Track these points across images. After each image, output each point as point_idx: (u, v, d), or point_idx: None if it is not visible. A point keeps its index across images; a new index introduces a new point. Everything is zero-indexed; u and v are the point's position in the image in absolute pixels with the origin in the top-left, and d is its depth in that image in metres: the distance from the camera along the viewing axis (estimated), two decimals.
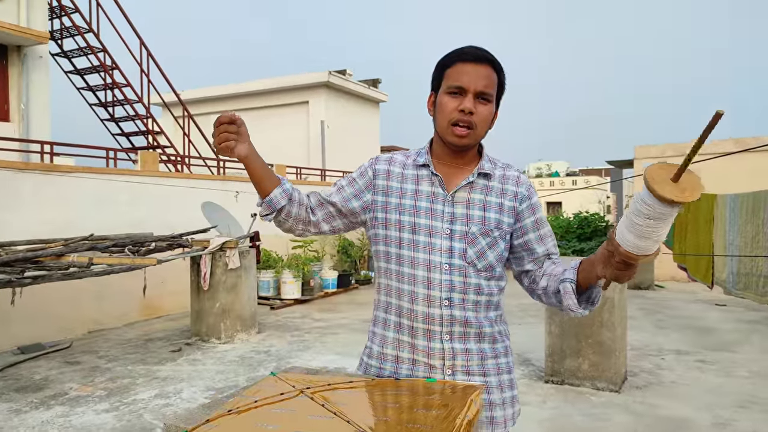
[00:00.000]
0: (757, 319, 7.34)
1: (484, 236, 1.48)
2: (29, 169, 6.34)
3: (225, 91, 14.53)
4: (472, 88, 1.42)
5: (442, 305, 1.46)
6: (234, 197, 9.05)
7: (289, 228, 1.54)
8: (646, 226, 1.12)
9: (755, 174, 10.09)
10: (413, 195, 1.52)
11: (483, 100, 1.44)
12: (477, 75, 1.43)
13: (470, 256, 1.47)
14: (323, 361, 5.49)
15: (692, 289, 10.12)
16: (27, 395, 4.49)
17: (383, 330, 1.56)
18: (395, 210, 1.52)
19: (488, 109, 1.46)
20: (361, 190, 1.56)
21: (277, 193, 1.47)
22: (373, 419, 1.07)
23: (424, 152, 1.56)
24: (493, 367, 1.51)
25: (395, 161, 1.58)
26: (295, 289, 8.92)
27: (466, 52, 1.45)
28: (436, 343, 1.47)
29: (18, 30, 7.50)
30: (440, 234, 1.47)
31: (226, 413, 1.12)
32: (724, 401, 4.24)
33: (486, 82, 1.43)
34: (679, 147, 11.51)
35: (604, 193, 36.33)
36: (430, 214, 1.49)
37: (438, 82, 1.50)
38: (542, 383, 4.65)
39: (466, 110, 1.42)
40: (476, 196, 1.50)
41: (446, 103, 1.45)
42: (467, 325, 1.48)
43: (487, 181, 1.52)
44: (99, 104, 9.85)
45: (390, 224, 1.53)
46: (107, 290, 6.95)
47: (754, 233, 6.13)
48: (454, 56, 1.46)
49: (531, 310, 7.87)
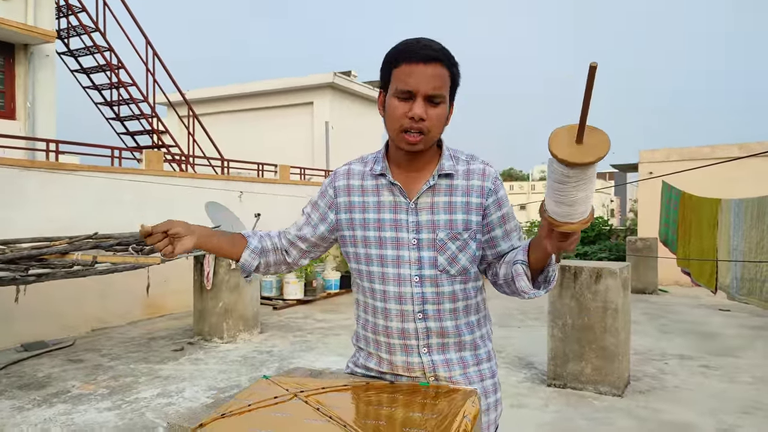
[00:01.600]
0: (761, 324, 7.30)
1: (453, 240, 1.41)
2: (35, 167, 6.36)
3: (230, 91, 14.56)
4: (422, 92, 1.32)
5: (416, 319, 1.43)
6: (238, 197, 9.06)
7: (274, 272, 1.64)
8: (557, 190, 1.07)
9: (760, 179, 10.06)
10: (376, 207, 1.46)
11: (434, 103, 1.34)
12: (426, 77, 1.32)
13: (441, 264, 1.41)
14: (326, 362, 5.49)
15: (696, 293, 10.08)
16: (30, 393, 4.50)
17: (365, 346, 1.54)
18: (360, 226, 1.47)
19: (440, 111, 1.36)
20: (325, 213, 1.54)
21: (246, 256, 1.55)
22: (367, 423, 1.06)
23: (380, 158, 1.48)
24: (476, 374, 1.47)
25: (353, 173, 1.52)
26: (298, 289, 8.93)
27: (412, 51, 1.33)
28: (414, 357, 1.44)
29: (25, 28, 7.54)
30: (407, 245, 1.42)
31: (219, 417, 1.12)
32: (727, 407, 4.21)
33: (436, 84, 1.33)
34: (684, 151, 11.48)
35: (608, 197, 36.27)
36: (395, 225, 1.43)
37: (386, 81, 1.39)
38: (545, 387, 4.64)
39: (416, 117, 1.32)
40: (440, 199, 1.42)
41: (395, 108, 1.35)
42: (444, 335, 1.44)
43: (450, 181, 1.43)
44: (104, 103, 9.88)
45: (357, 241, 1.48)
46: (111, 289, 6.96)
47: (758, 238, 6.11)
48: (402, 55, 1.34)
49: (531, 313, 7.85)
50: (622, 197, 32.33)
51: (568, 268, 4.58)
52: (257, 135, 14.22)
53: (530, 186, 38.76)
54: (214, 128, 13.15)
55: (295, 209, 10.23)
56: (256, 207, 8.79)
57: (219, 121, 14.60)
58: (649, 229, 11.00)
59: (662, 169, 10.98)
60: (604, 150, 1.00)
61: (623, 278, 4.54)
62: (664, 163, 11.37)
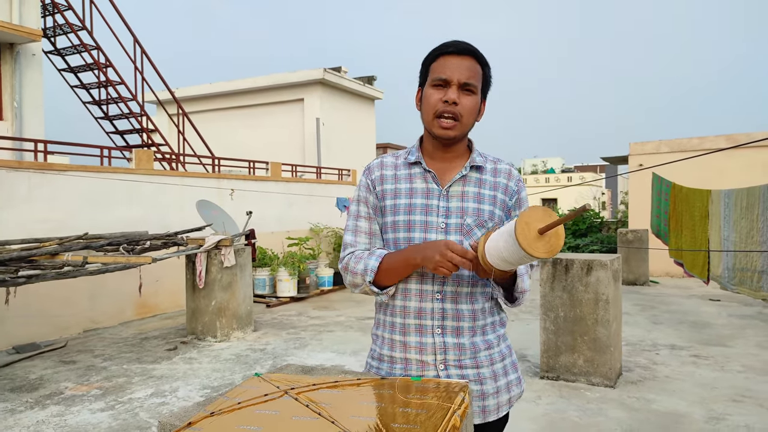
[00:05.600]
0: (751, 314, 7.38)
1: (479, 227, 1.50)
2: (23, 168, 6.30)
3: (220, 88, 14.48)
4: (456, 79, 1.45)
5: (434, 298, 1.48)
6: (229, 195, 9.03)
7: None
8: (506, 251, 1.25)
9: (748, 169, 10.14)
10: (407, 194, 1.53)
11: (467, 91, 1.46)
12: (460, 66, 1.46)
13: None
14: (319, 358, 5.49)
15: (687, 284, 10.16)
16: (22, 395, 4.47)
17: (381, 332, 1.58)
18: (391, 212, 1.55)
19: (473, 99, 1.48)
20: (375, 203, 1.59)
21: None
22: (357, 419, 1.06)
23: (414, 150, 1.58)
24: (486, 358, 1.51)
25: (386, 164, 1.60)
26: (291, 286, 8.92)
27: (448, 45, 1.49)
28: (428, 338, 1.48)
29: (10, 27, 7.45)
30: (435, 229, 1.49)
31: (208, 415, 1.11)
32: (718, 395, 4.26)
33: (469, 74, 1.46)
34: (673, 143, 11.54)
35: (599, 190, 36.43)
36: (425, 210, 1.51)
37: (424, 77, 1.53)
38: (537, 379, 4.67)
39: (450, 100, 1.44)
40: (470, 189, 1.52)
41: (431, 95, 1.48)
42: (460, 318, 1.49)
43: (479, 174, 1.54)
44: (93, 102, 9.80)
45: (387, 227, 1.55)
46: (102, 289, 6.93)
47: (748, 228, 6.16)
48: (438, 50, 1.49)
49: (524, 306, 7.89)
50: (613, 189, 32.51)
51: (560, 261, 4.60)
52: (248, 132, 14.16)
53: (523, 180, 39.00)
54: (204, 126, 13.09)
55: (286, 206, 10.23)
56: (247, 205, 8.78)
57: (209, 119, 14.53)
58: (640, 220, 11.07)
59: (652, 161, 11.05)
60: (554, 253, 1.21)
61: (614, 270, 4.57)
62: (654, 155, 11.43)
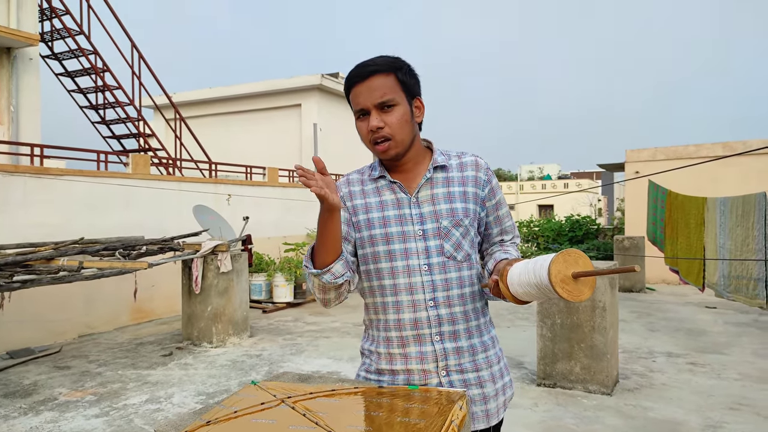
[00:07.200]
0: (747, 321, 7.39)
1: (456, 227, 1.50)
2: (19, 172, 6.28)
3: (217, 93, 14.48)
4: (370, 104, 1.46)
5: (427, 307, 1.49)
6: (226, 200, 9.02)
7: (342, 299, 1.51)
8: (529, 286, 1.29)
9: (744, 177, 10.18)
10: (378, 207, 1.54)
11: (386, 108, 1.46)
12: (369, 91, 1.46)
13: (448, 250, 1.49)
14: (316, 365, 5.47)
15: (683, 291, 10.18)
16: (16, 401, 4.44)
17: (377, 347, 1.56)
18: (365, 227, 1.54)
19: (397, 112, 1.46)
20: (347, 219, 1.56)
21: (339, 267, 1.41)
22: (355, 428, 1.06)
23: (376, 165, 1.59)
24: (484, 360, 1.53)
25: (352, 181, 1.61)
26: (288, 292, 8.90)
27: (352, 76, 1.49)
28: (427, 347, 1.49)
29: (7, 32, 7.44)
30: (414, 237, 1.50)
31: (204, 424, 1.10)
32: (714, 403, 4.26)
33: (381, 92, 1.45)
34: (669, 151, 11.59)
35: (596, 196, 36.55)
36: (399, 220, 1.51)
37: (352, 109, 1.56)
38: (534, 386, 4.66)
39: (374, 128, 1.45)
40: (439, 191, 1.53)
41: (360, 128, 1.50)
42: (455, 322, 1.50)
43: (445, 173, 1.55)
44: (90, 107, 9.78)
45: (364, 242, 1.54)
46: (98, 294, 6.90)
47: (744, 236, 6.18)
48: (348, 83, 1.50)
49: (520, 313, 7.89)
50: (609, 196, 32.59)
51: None
52: (245, 137, 14.16)
53: (519, 186, 38.95)
54: (202, 131, 13.07)
55: (283, 212, 10.22)
56: (244, 210, 8.77)
57: (206, 124, 14.52)
58: (636, 227, 11.09)
59: (648, 169, 11.08)
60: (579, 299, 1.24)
61: (610, 277, 4.57)
62: (650, 163, 11.47)
